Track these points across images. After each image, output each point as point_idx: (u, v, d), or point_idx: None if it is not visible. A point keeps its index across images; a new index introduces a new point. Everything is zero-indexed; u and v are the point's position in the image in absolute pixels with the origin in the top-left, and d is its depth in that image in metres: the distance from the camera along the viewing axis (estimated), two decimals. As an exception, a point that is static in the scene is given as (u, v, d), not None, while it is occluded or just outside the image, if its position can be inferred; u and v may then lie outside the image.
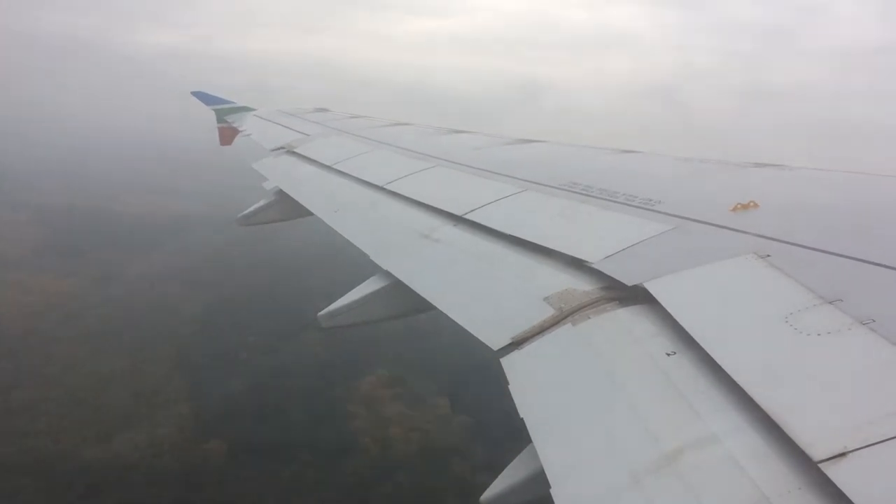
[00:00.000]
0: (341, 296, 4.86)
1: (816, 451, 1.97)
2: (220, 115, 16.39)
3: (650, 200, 4.54)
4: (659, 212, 4.31)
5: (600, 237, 4.13)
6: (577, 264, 3.86)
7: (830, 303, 2.71)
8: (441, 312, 3.97)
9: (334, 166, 8.45)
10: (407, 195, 6.30)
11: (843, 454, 1.93)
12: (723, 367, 2.52)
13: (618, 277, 3.50)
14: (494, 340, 3.33)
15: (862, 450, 1.93)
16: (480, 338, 3.42)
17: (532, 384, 2.99)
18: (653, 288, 3.24)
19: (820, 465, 1.92)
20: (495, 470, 2.85)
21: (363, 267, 5.11)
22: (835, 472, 1.88)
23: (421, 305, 4.39)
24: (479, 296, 4.10)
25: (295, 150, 10.26)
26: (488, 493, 2.79)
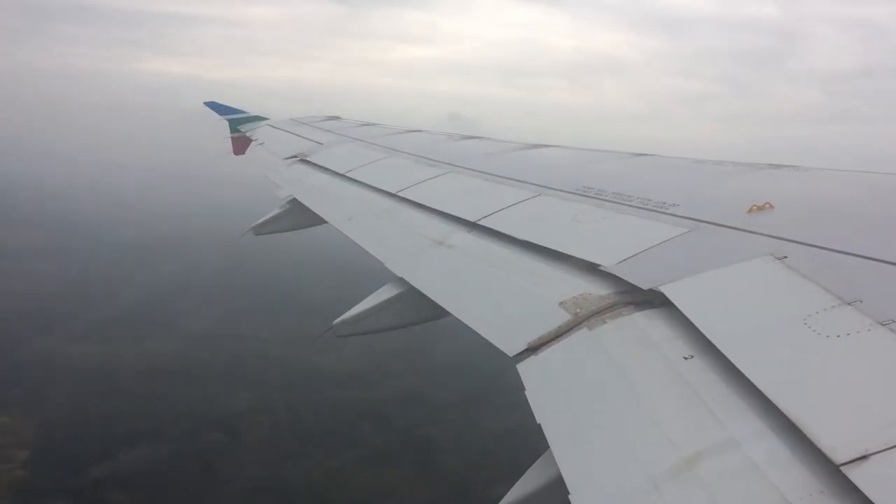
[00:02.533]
0: (356, 303, 4.88)
1: (838, 455, 1.95)
2: (234, 125, 16.59)
3: (664, 203, 4.51)
4: (674, 215, 4.29)
5: (615, 241, 4.12)
6: (591, 269, 3.85)
7: (849, 304, 2.68)
8: (456, 319, 3.98)
9: (347, 174, 8.49)
10: (420, 202, 6.32)
11: (864, 457, 1.91)
12: (741, 370, 2.50)
13: (633, 281, 3.48)
14: (510, 346, 3.32)
15: (884, 452, 1.91)
16: (496, 344, 3.42)
17: (548, 390, 2.98)
18: (669, 291, 3.23)
19: (842, 468, 1.90)
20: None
21: (377, 274, 5.12)
22: (857, 475, 1.87)
23: (435, 312, 4.40)
24: (494, 302, 4.09)
25: (308, 158, 10.31)
26: (506, 501, 2.78)
